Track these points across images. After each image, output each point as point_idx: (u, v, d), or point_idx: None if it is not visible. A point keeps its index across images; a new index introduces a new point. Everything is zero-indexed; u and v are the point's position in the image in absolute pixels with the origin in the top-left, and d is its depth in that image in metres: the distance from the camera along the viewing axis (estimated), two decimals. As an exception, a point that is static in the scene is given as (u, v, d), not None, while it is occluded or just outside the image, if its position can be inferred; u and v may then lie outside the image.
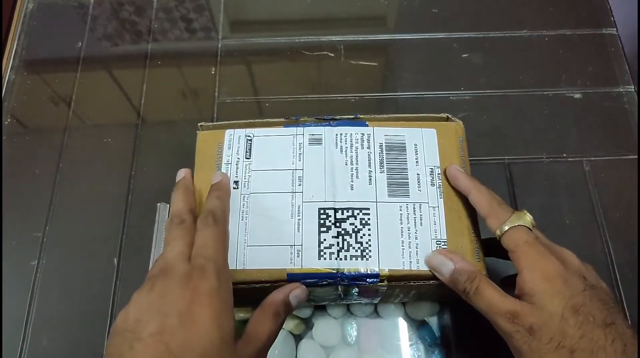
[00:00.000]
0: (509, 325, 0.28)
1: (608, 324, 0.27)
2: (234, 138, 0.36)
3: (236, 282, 0.32)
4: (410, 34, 0.54)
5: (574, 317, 0.27)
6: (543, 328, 0.27)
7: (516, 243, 0.30)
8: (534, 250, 0.29)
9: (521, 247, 0.29)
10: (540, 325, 0.27)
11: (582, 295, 0.27)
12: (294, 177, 0.35)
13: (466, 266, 0.31)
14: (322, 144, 0.36)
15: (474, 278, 0.30)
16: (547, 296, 0.27)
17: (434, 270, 0.32)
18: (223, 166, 0.35)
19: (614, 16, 0.54)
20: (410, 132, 0.36)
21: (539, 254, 0.29)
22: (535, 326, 0.27)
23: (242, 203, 0.34)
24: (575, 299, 0.27)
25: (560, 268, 0.28)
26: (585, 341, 0.26)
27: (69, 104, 0.50)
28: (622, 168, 0.47)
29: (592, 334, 0.26)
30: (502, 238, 0.30)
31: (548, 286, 0.28)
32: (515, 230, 0.30)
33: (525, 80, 0.51)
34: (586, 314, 0.27)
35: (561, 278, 0.28)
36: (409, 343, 0.41)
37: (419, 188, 0.34)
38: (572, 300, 0.27)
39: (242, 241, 0.33)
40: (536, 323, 0.27)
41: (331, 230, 0.33)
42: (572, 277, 0.28)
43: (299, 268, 0.32)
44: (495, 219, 0.31)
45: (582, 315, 0.27)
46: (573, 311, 0.27)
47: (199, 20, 0.56)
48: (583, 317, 0.27)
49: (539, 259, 0.29)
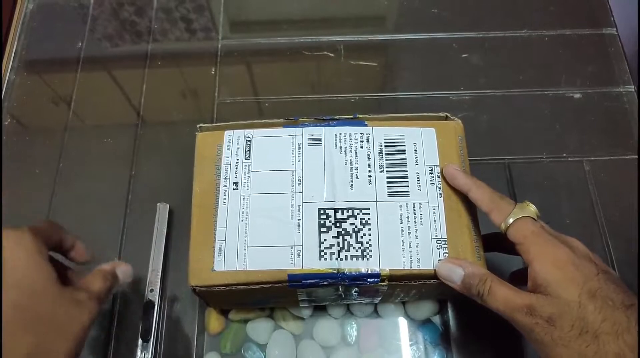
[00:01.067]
0: (527, 319, 0.27)
1: (628, 306, 0.26)
2: (233, 138, 0.36)
3: (237, 283, 0.32)
4: (410, 34, 0.54)
5: (592, 302, 0.26)
6: (563, 316, 0.27)
7: (523, 234, 0.29)
8: (542, 240, 0.29)
9: (529, 238, 0.29)
10: (560, 314, 0.27)
11: (596, 279, 0.27)
12: (294, 177, 0.35)
13: (476, 270, 0.31)
14: (321, 144, 0.36)
15: (485, 280, 0.30)
16: (561, 284, 0.27)
17: (444, 280, 0.31)
18: (222, 167, 0.35)
19: (614, 16, 0.54)
20: (409, 131, 0.36)
21: (547, 243, 0.29)
22: (554, 316, 0.27)
23: (241, 204, 0.34)
24: (590, 283, 0.27)
25: (571, 255, 0.28)
26: (607, 324, 0.26)
27: (69, 104, 0.50)
28: (622, 168, 0.47)
29: (613, 317, 0.26)
30: (508, 231, 0.30)
31: (561, 274, 0.27)
32: (520, 222, 0.30)
33: (525, 80, 0.51)
34: (604, 297, 0.26)
35: (573, 264, 0.28)
36: (409, 343, 0.41)
37: (419, 187, 0.34)
38: (587, 284, 0.27)
39: (242, 242, 0.33)
40: (555, 312, 0.27)
41: (331, 230, 0.33)
42: (583, 262, 0.28)
43: (299, 268, 0.32)
44: (498, 213, 0.31)
45: (599, 298, 0.26)
46: (590, 296, 0.27)
47: (199, 21, 0.56)
48: (601, 301, 0.26)
49: (548, 248, 0.28)
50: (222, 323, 0.41)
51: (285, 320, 0.41)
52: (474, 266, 0.31)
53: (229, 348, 0.40)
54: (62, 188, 0.46)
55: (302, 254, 0.32)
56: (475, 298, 0.30)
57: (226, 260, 0.32)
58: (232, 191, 0.34)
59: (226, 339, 0.41)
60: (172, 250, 0.43)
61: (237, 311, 0.41)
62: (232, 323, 0.41)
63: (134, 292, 0.42)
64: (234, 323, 0.41)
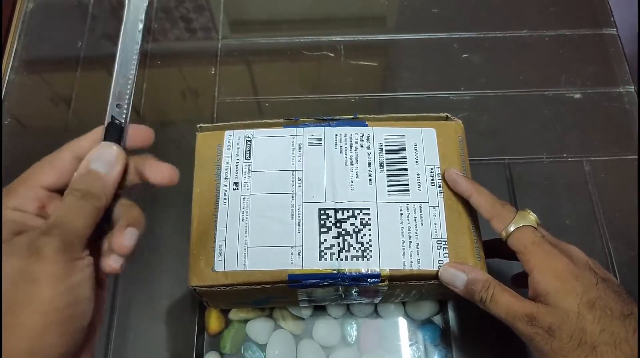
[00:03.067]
0: (528, 328, 0.28)
1: (626, 315, 0.27)
2: (234, 139, 0.36)
3: (237, 283, 0.32)
4: (410, 34, 0.54)
5: (591, 312, 0.27)
6: (562, 327, 0.27)
7: (524, 244, 0.30)
8: (542, 250, 0.29)
9: (529, 248, 0.29)
10: (559, 324, 0.27)
11: (595, 289, 0.27)
12: (294, 178, 0.35)
13: (479, 275, 0.31)
14: (321, 144, 0.36)
15: (488, 286, 0.30)
16: (560, 294, 0.27)
17: (447, 284, 0.32)
18: (223, 167, 0.35)
19: (614, 16, 0.54)
20: (409, 132, 0.36)
21: (547, 254, 0.29)
22: (553, 326, 0.27)
23: (242, 204, 0.34)
24: (590, 294, 0.27)
25: (570, 265, 0.28)
26: (606, 335, 0.26)
27: (69, 104, 0.50)
28: (622, 168, 0.47)
29: (611, 327, 0.26)
30: (509, 240, 0.30)
31: (560, 285, 0.28)
32: (521, 231, 0.30)
33: (525, 80, 0.51)
34: (603, 307, 0.27)
35: (572, 274, 0.28)
36: (409, 343, 0.41)
37: (419, 188, 0.34)
38: (586, 295, 0.27)
39: (242, 243, 0.33)
40: (554, 323, 0.27)
41: (332, 231, 0.33)
42: (583, 272, 0.28)
43: (299, 268, 0.32)
44: (499, 221, 0.31)
45: (598, 309, 0.27)
46: (589, 307, 0.27)
47: (199, 20, 0.56)
48: (600, 311, 0.27)
49: (548, 258, 0.29)
50: (222, 323, 0.41)
51: (285, 320, 0.41)
52: (477, 272, 0.31)
53: (228, 348, 0.40)
54: (62, 188, 0.46)
55: (302, 254, 0.32)
56: (477, 303, 0.30)
57: (226, 260, 0.32)
58: (232, 191, 0.34)
59: (226, 339, 0.41)
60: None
61: (237, 311, 0.41)
62: (232, 323, 0.41)
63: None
64: (233, 323, 0.41)
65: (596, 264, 0.30)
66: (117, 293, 0.42)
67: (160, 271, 0.43)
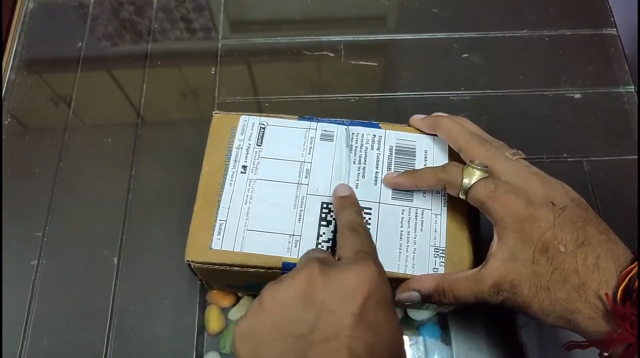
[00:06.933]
0: (497, 297, 0.28)
1: (580, 244, 0.27)
2: (248, 123, 0.37)
3: (231, 264, 0.32)
4: (410, 34, 0.54)
5: (544, 256, 0.27)
6: (521, 280, 0.27)
7: (480, 201, 0.30)
8: (498, 204, 0.29)
9: (486, 204, 0.29)
10: (519, 278, 0.27)
11: (552, 230, 0.27)
12: (302, 169, 0.35)
13: (430, 285, 0.30)
14: (333, 141, 0.36)
15: (441, 290, 0.30)
16: (518, 245, 0.28)
17: (409, 305, 0.32)
18: (234, 150, 0.36)
19: (614, 16, 0.54)
20: (422, 138, 0.37)
21: (503, 205, 0.29)
22: (514, 282, 0.27)
23: (247, 188, 0.34)
24: (545, 236, 0.27)
25: (527, 210, 0.28)
26: (557, 273, 0.26)
27: (69, 104, 0.50)
28: (622, 168, 0.47)
29: (563, 264, 0.26)
30: (468, 201, 0.31)
31: (518, 236, 0.28)
32: (474, 189, 0.30)
33: (525, 80, 0.51)
34: (556, 247, 0.27)
35: (529, 219, 0.28)
36: (409, 343, 0.41)
37: (424, 194, 0.34)
38: (540, 240, 0.27)
39: (242, 225, 0.33)
40: (515, 278, 0.27)
41: (331, 225, 0.33)
42: (540, 211, 0.28)
43: (295, 257, 0.32)
44: (453, 188, 0.31)
45: (551, 250, 0.27)
46: (543, 251, 0.27)
47: (199, 20, 0.56)
48: (553, 252, 0.27)
49: (505, 210, 0.28)
50: (222, 323, 0.41)
51: (285, 320, 0.41)
52: (426, 282, 0.31)
53: (229, 348, 0.40)
54: (62, 188, 0.46)
55: (299, 244, 0.33)
56: (448, 305, 0.31)
57: (224, 239, 0.33)
58: (239, 174, 0.35)
59: (226, 339, 0.41)
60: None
61: (237, 311, 0.41)
62: (232, 323, 0.41)
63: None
64: (233, 322, 0.41)
65: (556, 188, 0.29)
66: (117, 293, 0.42)
67: (160, 271, 0.43)
